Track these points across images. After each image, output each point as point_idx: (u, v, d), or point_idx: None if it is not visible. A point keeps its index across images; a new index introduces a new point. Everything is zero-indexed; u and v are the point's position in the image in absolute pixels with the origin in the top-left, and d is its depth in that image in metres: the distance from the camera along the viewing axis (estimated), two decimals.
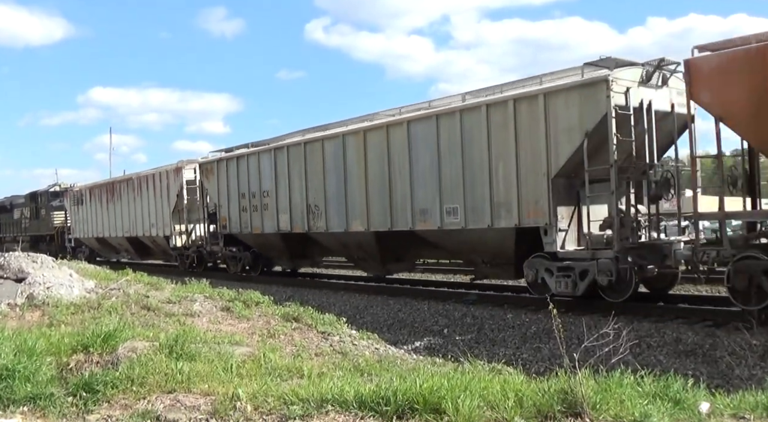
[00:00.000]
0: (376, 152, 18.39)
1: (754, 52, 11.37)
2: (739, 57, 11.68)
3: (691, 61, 12.22)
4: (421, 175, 17.11)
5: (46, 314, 11.24)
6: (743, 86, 11.52)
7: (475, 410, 5.30)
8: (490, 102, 15.61)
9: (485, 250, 16.36)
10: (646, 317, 12.98)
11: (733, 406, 5.67)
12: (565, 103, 14.10)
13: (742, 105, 11.65)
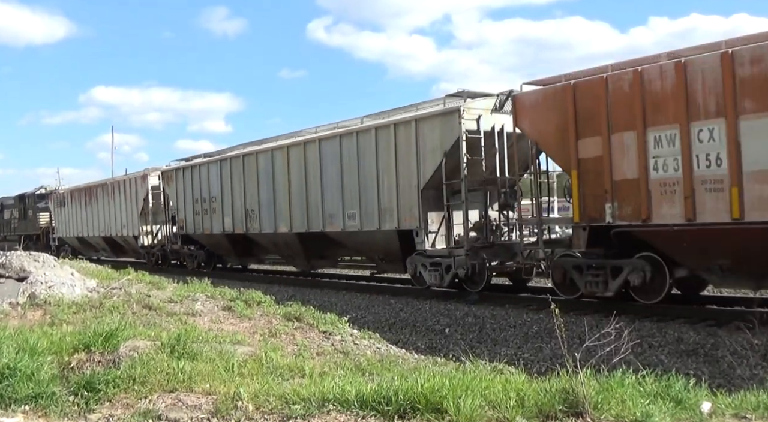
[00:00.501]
0: (296, 165, 21.67)
1: (558, 90, 14.36)
2: (548, 94, 14.68)
3: (516, 96, 15.43)
4: (329, 185, 20.35)
5: (48, 313, 11.25)
6: (551, 118, 14.38)
7: (477, 410, 5.30)
8: (378, 125, 18.95)
9: (378, 249, 19.70)
10: (648, 317, 12.98)
11: (735, 406, 5.66)
12: (430, 128, 17.24)
13: (550, 133, 14.52)
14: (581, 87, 13.91)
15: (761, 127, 11.30)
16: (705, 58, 12.18)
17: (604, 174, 13.46)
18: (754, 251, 11.81)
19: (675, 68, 12.38)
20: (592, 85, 13.70)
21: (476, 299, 16.30)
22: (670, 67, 12.48)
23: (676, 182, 12.43)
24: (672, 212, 12.52)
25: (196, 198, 27.09)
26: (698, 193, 12.14)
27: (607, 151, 13.38)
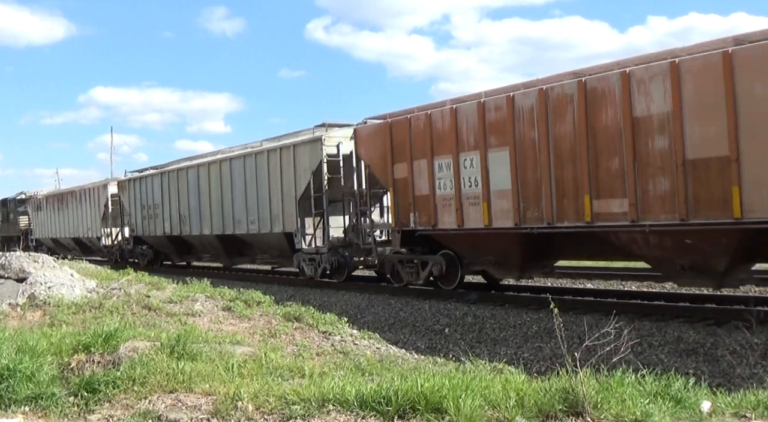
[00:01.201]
0: (214, 179, 26.15)
1: (381, 126, 18.53)
2: (376, 128, 18.76)
3: (356, 129, 19.73)
4: (236, 195, 24.78)
5: (48, 314, 11.25)
6: (377, 147, 18.56)
7: (477, 409, 5.30)
8: (269, 149, 23.43)
9: (273, 247, 24.03)
10: (647, 316, 12.98)
11: (735, 405, 5.67)
12: (302, 153, 21.51)
13: (376, 158, 18.69)
14: (395, 124, 17.93)
15: (499, 158, 15.12)
16: (468, 105, 15.88)
17: (408, 191, 17.50)
18: (502, 249, 15.84)
19: (450, 112, 16.21)
20: (401, 123, 17.71)
21: (475, 299, 16.30)
22: (447, 112, 16.34)
23: (452, 197, 16.36)
24: (449, 220, 16.50)
25: (144, 205, 31.70)
26: (465, 206, 16.07)
27: (410, 174, 17.41)
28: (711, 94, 11.51)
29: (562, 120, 13.81)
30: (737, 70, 11.19)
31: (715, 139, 11.51)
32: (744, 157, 11.17)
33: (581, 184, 13.47)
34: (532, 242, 15.01)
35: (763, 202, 10.92)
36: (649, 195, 12.44)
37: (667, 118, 12.08)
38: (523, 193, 14.65)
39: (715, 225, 11.68)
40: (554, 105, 13.92)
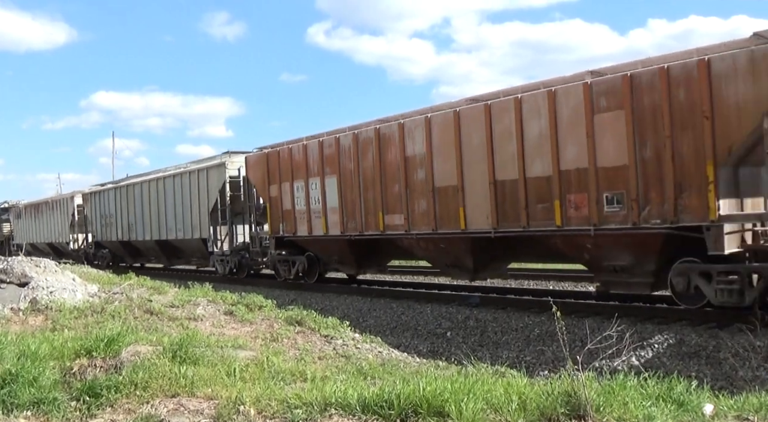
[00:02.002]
0: (153, 194, 31.32)
1: (262, 155, 23.37)
2: (259, 156, 23.56)
3: (246, 157, 24.42)
4: (169, 208, 29.79)
5: (50, 318, 11.26)
6: (259, 171, 23.32)
7: (479, 413, 5.30)
8: (191, 170, 28.89)
9: (197, 250, 28.79)
10: (650, 319, 12.96)
11: (737, 408, 5.66)
12: (212, 175, 26.65)
13: (259, 180, 23.45)
14: (270, 154, 22.84)
15: (331, 183, 20.00)
16: (313, 143, 20.84)
17: (278, 206, 22.39)
18: (339, 251, 20.76)
19: (302, 148, 21.16)
20: (273, 154, 22.56)
21: (477, 302, 16.31)
22: (301, 147, 21.22)
23: (304, 212, 21.19)
24: (303, 229, 21.34)
25: (102, 214, 36.60)
26: (312, 218, 20.91)
27: (279, 193, 22.32)
28: (448, 140, 16.17)
29: (366, 156, 18.69)
30: (462, 123, 15.86)
31: (450, 173, 16.22)
32: (466, 187, 15.87)
33: (378, 204, 18.36)
34: (356, 245, 19.93)
35: (476, 219, 15.67)
36: (416, 212, 17.30)
37: (424, 157, 16.87)
38: (346, 209, 19.57)
39: (453, 234, 16.40)
40: (362, 145, 18.85)
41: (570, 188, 13.80)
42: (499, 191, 15.10)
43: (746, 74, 11.34)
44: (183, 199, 28.55)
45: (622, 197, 13.00)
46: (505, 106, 14.92)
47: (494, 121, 15.07)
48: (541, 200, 14.31)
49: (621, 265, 13.66)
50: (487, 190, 15.28)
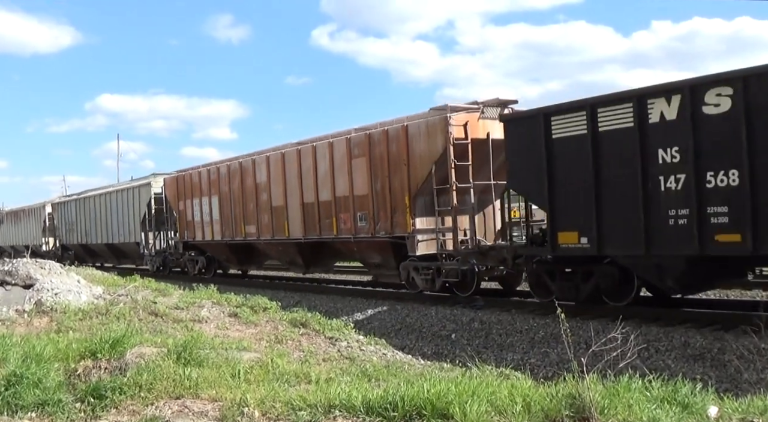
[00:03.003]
0: (103, 206, 37.08)
1: (177, 177, 29.85)
2: (176, 178, 29.77)
3: (165, 178, 31.27)
4: (114, 217, 35.56)
5: (54, 320, 11.27)
6: (174, 190, 29.79)
7: (483, 415, 5.30)
8: (127, 187, 35.85)
9: (134, 252, 34.40)
10: (654, 321, 12.94)
11: (742, 410, 5.64)
12: (143, 192, 32.80)
13: (174, 197, 29.90)
14: (178, 177, 29.76)
15: (215, 200, 26.68)
16: (204, 170, 27.56)
17: (184, 217, 28.89)
18: (224, 252, 27.38)
19: (197, 174, 27.85)
20: (182, 177, 29.33)
21: (482, 305, 16.29)
22: (197, 173, 27.89)
23: (200, 222, 27.60)
24: (200, 234, 27.75)
25: (67, 221, 42.52)
26: (205, 227, 27.25)
27: (185, 207, 28.78)
28: (279, 173, 22.55)
29: (234, 182, 25.21)
30: (286, 161, 22.21)
31: (280, 196, 22.48)
32: (288, 207, 22.15)
33: (240, 217, 24.92)
34: (234, 248, 26.54)
35: (294, 230, 21.94)
36: (262, 223, 23.62)
37: (266, 184, 23.24)
38: (223, 220, 26.05)
39: (284, 240, 22.68)
40: (232, 173, 25.36)
41: (341, 209, 19.97)
42: (306, 210, 21.39)
43: (424, 136, 17.26)
44: (123, 211, 34.56)
45: (366, 216, 19.05)
46: (307, 150, 21.29)
47: (302, 160, 21.43)
48: (327, 217, 20.48)
49: (376, 263, 20.13)
50: (299, 210, 21.64)
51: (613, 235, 13.18)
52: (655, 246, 12.52)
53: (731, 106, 11.38)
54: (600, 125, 13.22)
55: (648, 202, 12.52)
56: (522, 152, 14.84)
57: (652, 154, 12.44)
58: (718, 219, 11.61)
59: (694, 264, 12.35)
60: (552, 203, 14.14)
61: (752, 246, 11.12)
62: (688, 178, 11.97)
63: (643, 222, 12.57)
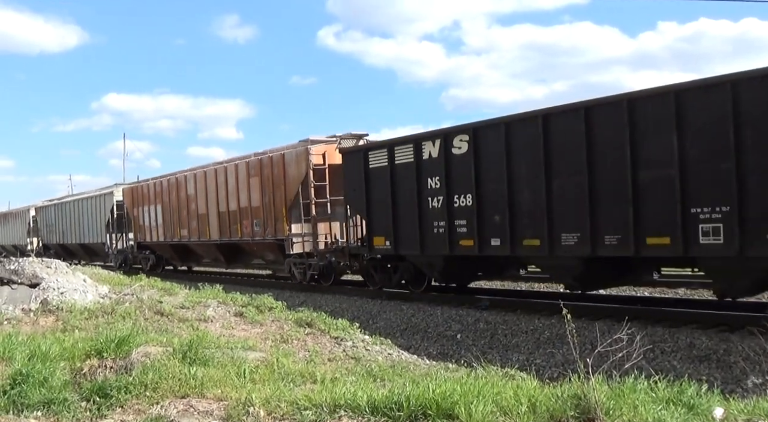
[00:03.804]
0: (75, 211, 42.27)
1: (133, 188, 36.30)
2: (132, 188, 36.54)
3: (123, 188, 38.12)
4: (86, 221, 40.43)
5: (60, 319, 11.30)
6: (131, 199, 35.23)
7: (488, 415, 5.29)
8: (92, 196, 41.07)
9: (101, 251, 39.02)
10: (660, 322, 12.92)
11: (747, 412, 5.63)
12: (107, 199, 37.66)
13: (130, 205, 35.19)
14: (134, 188, 35.63)
15: (159, 208, 31.66)
16: (152, 183, 32.92)
17: (139, 222, 33.74)
18: (169, 251, 32.34)
19: (146, 186, 33.76)
20: (136, 188, 35.35)
21: (487, 305, 16.28)
22: (146, 186, 33.71)
23: (150, 225, 32.35)
24: (149, 236, 32.66)
25: (48, 224, 47.56)
26: (153, 229, 32.10)
27: (138, 213, 33.69)
28: (203, 187, 27.91)
29: (172, 194, 30.58)
30: (207, 177, 27.58)
31: (204, 206, 27.82)
32: (209, 214, 27.41)
33: (177, 222, 30.15)
34: (175, 248, 31.54)
35: (213, 233, 27.39)
36: (192, 228, 28.85)
37: (195, 196, 28.43)
38: (166, 225, 31.14)
39: (208, 241, 28.38)
40: (171, 186, 30.81)
41: (243, 217, 25.37)
42: (221, 217, 26.81)
43: (294, 163, 22.53)
44: (92, 215, 39.38)
45: (260, 222, 24.36)
46: (221, 170, 26.86)
47: (218, 178, 26.83)
48: (235, 223, 25.86)
49: (271, 259, 25.50)
50: (216, 217, 27.05)
51: (404, 240, 18.02)
52: (426, 248, 17.32)
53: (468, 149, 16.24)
54: (396, 159, 18.22)
55: (422, 215, 17.33)
56: (352, 177, 19.80)
57: (424, 181, 17.25)
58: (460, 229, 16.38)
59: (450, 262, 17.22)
60: (369, 215, 19.24)
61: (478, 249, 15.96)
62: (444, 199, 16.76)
63: (418, 230, 17.43)
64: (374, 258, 19.86)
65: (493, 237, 15.60)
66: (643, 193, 12.75)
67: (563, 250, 14.13)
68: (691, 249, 12.08)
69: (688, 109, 12.03)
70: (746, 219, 11.36)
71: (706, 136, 11.87)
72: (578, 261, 14.13)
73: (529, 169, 14.78)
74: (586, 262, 14.04)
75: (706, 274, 13.64)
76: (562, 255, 14.26)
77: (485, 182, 15.74)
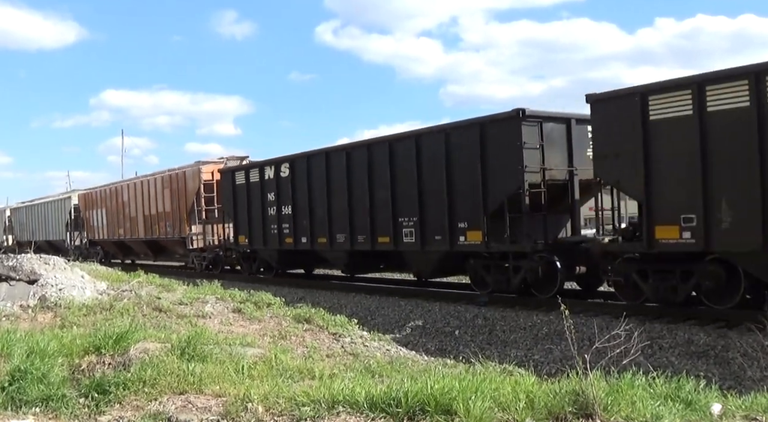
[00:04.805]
0: (42, 213, 47.62)
1: (85, 193, 42.57)
2: (84, 194, 42.19)
3: (78, 194, 44.14)
4: (50, 221, 45.99)
5: (59, 315, 11.29)
6: (83, 203, 41.32)
7: (487, 411, 5.29)
8: (47, 202, 48.73)
9: (62, 248, 41.54)
10: (658, 318, 12.92)
11: (746, 407, 5.64)
12: (66, 203, 43.95)
13: (83, 208, 41.73)
14: (86, 194, 41.06)
15: (103, 211, 38.00)
16: (97, 191, 39.96)
17: (91, 223, 39.18)
18: (112, 248, 38.38)
19: (95, 193, 39.86)
20: (89, 194, 40.63)
21: (486, 301, 16.27)
22: (94, 193, 39.97)
23: (97, 225, 38.42)
24: (97, 235, 38.91)
25: (20, 223, 52.62)
26: (100, 229, 38.37)
27: (90, 216, 39.22)
28: (133, 195, 34.39)
29: (113, 200, 36.25)
30: (130, 190, 34.99)
31: (135, 210, 34.03)
32: (138, 217, 33.63)
33: (116, 223, 35.73)
34: (117, 244, 36.79)
35: (140, 231, 33.73)
36: (127, 228, 34.42)
37: (128, 202, 34.54)
38: (109, 225, 36.56)
39: (137, 239, 34.32)
40: (111, 194, 36.78)
41: (161, 219, 31.09)
42: (146, 220, 32.56)
43: (191, 178, 29.17)
44: (55, 216, 45.10)
45: (171, 224, 30.23)
46: (145, 181, 33.33)
47: (143, 188, 33.09)
48: (155, 224, 31.67)
49: (181, 253, 31.03)
50: (143, 219, 32.84)
51: (255, 238, 24.31)
52: (267, 244, 24.16)
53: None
54: (250, 179, 24.27)
55: (264, 220, 23.63)
56: (225, 191, 26.25)
57: (265, 196, 23.53)
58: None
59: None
60: (235, 220, 25.43)
61: (294, 244, 22.60)
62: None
63: (262, 231, 24.22)
64: (243, 252, 25.82)
65: (303, 236, 21.90)
66: (376, 208, 18.92)
67: (337, 246, 20.61)
68: (399, 245, 18.35)
69: (397, 153, 18.38)
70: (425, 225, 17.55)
71: (406, 172, 17.96)
72: (345, 253, 20.78)
73: (320, 189, 21.00)
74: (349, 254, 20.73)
75: (408, 261, 19.25)
76: (337, 250, 20.87)
77: (298, 197, 21.95)
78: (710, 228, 11.87)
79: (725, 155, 11.65)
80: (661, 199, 12.58)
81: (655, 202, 12.66)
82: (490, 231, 15.83)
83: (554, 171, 15.55)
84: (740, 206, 11.56)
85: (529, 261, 15.38)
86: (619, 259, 13.78)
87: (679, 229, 12.35)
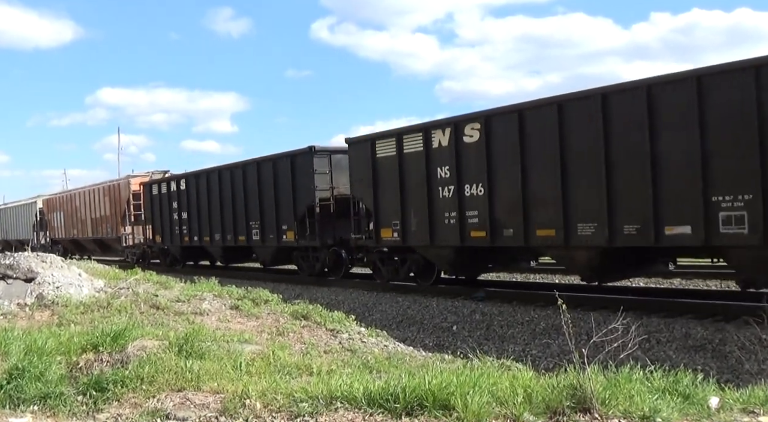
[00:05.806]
0: (13, 215, 54.58)
1: (46, 199, 48.84)
2: (46, 200, 48.69)
3: (43, 199, 48.84)
4: (20, 222, 52.34)
5: (56, 313, 11.28)
6: (47, 207, 47.51)
7: (484, 406, 5.29)
8: (24, 204, 53.67)
9: (31, 245, 41.59)
10: (656, 312, 12.95)
11: (743, 400, 5.64)
12: (33, 206, 50.16)
13: (47, 211, 47.39)
14: (49, 200, 47.41)
15: (62, 214, 44.26)
16: (57, 197, 47.18)
17: (52, 223, 45.52)
18: (72, 245, 42.74)
19: (56, 199, 46.19)
20: (52, 199, 46.77)
21: (483, 296, 16.30)
22: (56, 198, 46.53)
23: (58, 226, 44.31)
24: (58, 234, 44.23)
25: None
26: (59, 229, 44.12)
27: (51, 217, 45.30)
28: (96, 199, 38.77)
29: (71, 205, 41.71)
30: (87, 196, 40.19)
31: (84, 213, 40.28)
32: (99, 219, 38.80)
33: (71, 224, 41.67)
34: (74, 242, 41.66)
35: (90, 232, 39.46)
36: (79, 228, 41.14)
37: (89, 205, 39.69)
38: (67, 226, 41.68)
39: (88, 237, 40.63)
40: (71, 199, 42.41)
41: (103, 222, 36.70)
42: (93, 222, 37.84)
43: (123, 189, 35.32)
44: (23, 218, 51.01)
45: (110, 226, 36.11)
46: (93, 190, 38.84)
47: (92, 196, 38.69)
48: (99, 225, 37.25)
49: (120, 250, 35.81)
50: (91, 221, 37.75)
51: (166, 238, 30.30)
52: (173, 241, 30.27)
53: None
54: (161, 190, 30.39)
55: (171, 223, 30.01)
56: (145, 198, 31.98)
57: (172, 204, 29.81)
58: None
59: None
60: (153, 222, 31.28)
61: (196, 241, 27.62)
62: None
63: (169, 231, 30.35)
64: (160, 248, 31.82)
65: (195, 235, 28.23)
66: (237, 215, 25.62)
67: (216, 243, 27.52)
68: (250, 242, 24.83)
69: (248, 174, 24.82)
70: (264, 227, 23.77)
71: (253, 189, 24.31)
72: (220, 248, 27.71)
73: (204, 200, 27.54)
74: (223, 249, 27.64)
75: (256, 253, 26.01)
76: (216, 246, 28.06)
77: (191, 206, 28.30)
78: (406, 231, 17.56)
79: (412, 182, 17.27)
80: (382, 210, 18.36)
81: (380, 212, 18.44)
82: (299, 232, 21.88)
83: (342, 189, 20.87)
84: (419, 216, 17.09)
85: (324, 253, 21.64)
86: (370, 251, 19.68)
87: (392, 231, 18.07)
